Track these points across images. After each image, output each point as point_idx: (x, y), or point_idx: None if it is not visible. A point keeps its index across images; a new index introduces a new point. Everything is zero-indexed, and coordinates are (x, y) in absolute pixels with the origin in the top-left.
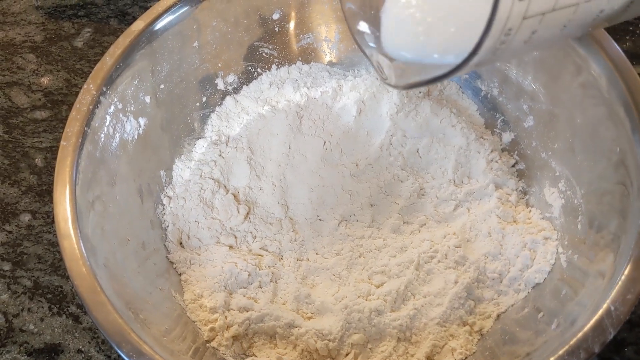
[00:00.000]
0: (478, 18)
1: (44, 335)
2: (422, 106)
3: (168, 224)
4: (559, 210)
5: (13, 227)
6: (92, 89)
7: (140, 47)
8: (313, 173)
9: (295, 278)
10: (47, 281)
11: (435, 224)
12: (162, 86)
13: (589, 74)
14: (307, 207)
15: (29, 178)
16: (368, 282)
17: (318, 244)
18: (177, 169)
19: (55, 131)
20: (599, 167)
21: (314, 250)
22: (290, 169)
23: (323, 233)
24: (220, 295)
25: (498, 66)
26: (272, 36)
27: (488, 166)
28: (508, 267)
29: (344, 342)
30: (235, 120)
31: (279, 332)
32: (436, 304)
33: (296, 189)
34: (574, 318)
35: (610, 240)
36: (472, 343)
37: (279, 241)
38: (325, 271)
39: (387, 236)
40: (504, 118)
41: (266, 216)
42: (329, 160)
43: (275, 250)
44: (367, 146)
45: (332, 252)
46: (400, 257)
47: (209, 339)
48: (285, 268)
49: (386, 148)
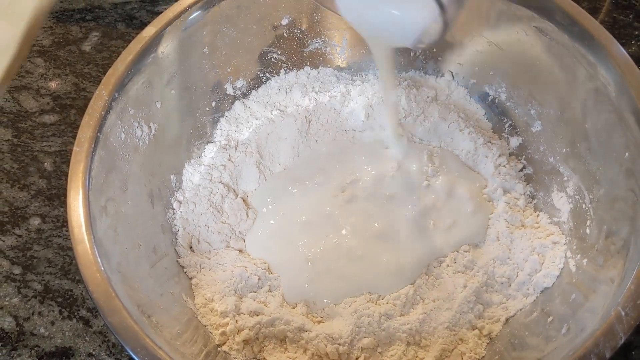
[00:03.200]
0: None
1: (55, 339)
2: (430, 111)
3: (178, 228)
4: (567, 214)
5: (23, 230)
6: (104, 95)
7: (151, 53)
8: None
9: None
10: (58, 285)
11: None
12: (172, 91)
13: (597, 80)
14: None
15: (38, 182)
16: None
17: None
18: (187, 174)
19: (64, 135)
20: (608, 173)
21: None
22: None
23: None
24: (230, 299)
25: (506, 71)
26: (280, 41)
27: (496, 170)
28: (516, 271)
29: (354, 346)
30: (244, 125)
31: (289, 336)
32: (445, 308)
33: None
34: (584, 323)
35: (621, 245)
36: (481, 347)
37: None
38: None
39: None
40: (511, 123)
41: None
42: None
43: None
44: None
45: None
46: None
47: (220, 343)
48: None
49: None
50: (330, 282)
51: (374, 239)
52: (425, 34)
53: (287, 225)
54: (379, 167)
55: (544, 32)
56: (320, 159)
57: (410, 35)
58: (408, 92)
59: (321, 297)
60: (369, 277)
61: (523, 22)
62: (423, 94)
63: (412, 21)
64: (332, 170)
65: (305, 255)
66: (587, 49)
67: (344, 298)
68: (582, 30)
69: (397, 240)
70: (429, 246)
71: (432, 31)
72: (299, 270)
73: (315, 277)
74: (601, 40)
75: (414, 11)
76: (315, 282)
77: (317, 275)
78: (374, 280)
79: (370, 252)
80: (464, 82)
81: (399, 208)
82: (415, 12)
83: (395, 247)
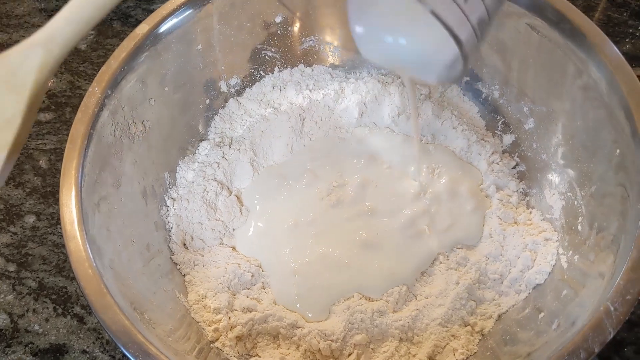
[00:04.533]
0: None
1: (49, 336)
2: (424, 108)
3: (172, 226)
4: (559, 211)
5: (18, 228)
6: (97, 92)
7: (145, 50)
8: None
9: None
10: (52, 282)
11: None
12: (166, 89)
13: (589, 77)
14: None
15: (33, 180)
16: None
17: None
18: (180, 171)
19: (59, 133)
20: (599, 169)
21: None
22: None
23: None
24: (223, 296)
25: (498, 68)
26: (274, 39)
27: (489, 168)
28: (509, 268)
29: (346, 343)
30: (238, 123)
31: (282, 332)
32: (438, 304)
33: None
34: (574, 318)
35: (611, 241)
36: (474, 343)
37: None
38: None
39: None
40: (504, 120)
41: None
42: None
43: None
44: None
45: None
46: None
47: (213, 339)
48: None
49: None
50: (317, 297)
51: (360, 248)
52: (449, 70)
53: (274, 228)
54: (371, 170)
55: (535, 29)
56: (312, 158)
57: (433, 72)
58: (402, 90)
59: (308, 311)
60: (358, 285)
61: (514, 19)
62: (417, 91)
63: (432, 58)
64: (321, 171)
65: (291, 267)
66: (578, 46)
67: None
68: (572, 27)
69: (388, 248)
70: (426, 253)
71: (455, 67)
72: (286, 280)
73: (302, 292)
74: (592, 37)
75: (432, 47)
76: (303, 297)
77: (304, 290)
78: (363, 287)
79: (357, 261)
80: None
81: (391, 213)
82: (433, 48)
83: (386, 256)
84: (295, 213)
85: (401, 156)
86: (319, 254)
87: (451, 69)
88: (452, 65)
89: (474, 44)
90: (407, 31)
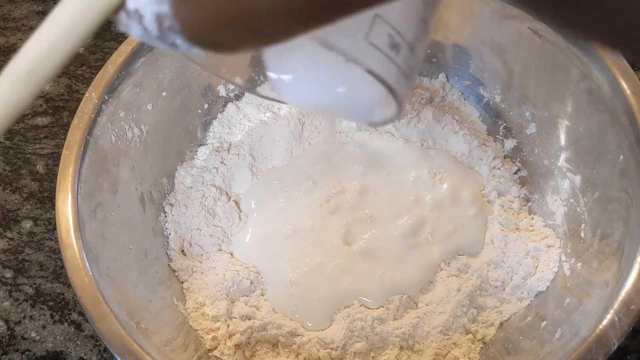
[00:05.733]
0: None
1: (46, 343)
2: (425, 113)
3: (170, 232)
4: (561, 217)
5: (14, 234)
6: (94, 97)
7: (142, 55)
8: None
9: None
10: (49, 288)
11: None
12: (163, 94)
13: (592, 81)
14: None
15: (30, 185)
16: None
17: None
18: (179, 176)
19: (57, 137)
20: (602, 175)
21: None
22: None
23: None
24: (222, 303)
25: (500, 72)
26: None
27: (490, 173)
28: (511, 275)
29: (346, 351)
30: (237, 127)
31: (281, 340)
32: (439, 312)
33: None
34: (578, 327)
35: (615, 248)
36: (475, 351)
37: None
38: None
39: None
40: (506, 125)
41: None
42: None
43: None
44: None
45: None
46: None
47: (211, 347)
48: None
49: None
50: (316, 308)
51: (359, 256)
52: (378, 114)
53: (272, 235)
54: (370, 176)
55: (537, 33)
56: (311, 163)
57: (360, 114)
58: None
59: (308, 321)
60: (358, 294)
61: (516, 23)
62: (417, 95)
63: (360, 100)
64: (320, 177)
65: (289, 277)
66: (581, 50)
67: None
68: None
69: (389, 256)
70: (428, 263)
71: (386, 111)
72: (285, 290)
73: (301, 303)
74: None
75: (361, 91)
76: (302, 308)
77: (302, 301)
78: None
79: (357, 270)
80: (459, 83)
81: (391, 220)
82: (362, 92)
83: (387, 265)
84: (294, 220)
85: (401, 161)
86: (318, 264)
87: (383, 112)
88: (382, 105)
89: (407, 89)
90: (333, 79)
